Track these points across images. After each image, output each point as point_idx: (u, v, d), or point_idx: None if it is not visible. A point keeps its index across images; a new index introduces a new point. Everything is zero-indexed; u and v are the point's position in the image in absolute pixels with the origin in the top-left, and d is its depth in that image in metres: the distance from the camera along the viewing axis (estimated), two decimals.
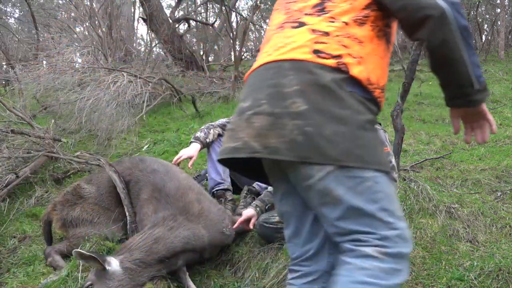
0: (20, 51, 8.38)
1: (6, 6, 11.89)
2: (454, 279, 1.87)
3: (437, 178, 3.23)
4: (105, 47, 7.21)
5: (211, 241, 2.16)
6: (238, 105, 1.16)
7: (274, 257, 2.13)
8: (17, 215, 2.86)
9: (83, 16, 8.21)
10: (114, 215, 2.42)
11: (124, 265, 1.82)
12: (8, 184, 2.95)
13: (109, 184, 2.47)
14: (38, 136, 3.54)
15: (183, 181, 2.33)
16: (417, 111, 5.78)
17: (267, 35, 1.27)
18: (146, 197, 2.28)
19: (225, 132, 1.20)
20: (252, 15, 8.09)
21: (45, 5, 10.59)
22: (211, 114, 5.66)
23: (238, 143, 1.07)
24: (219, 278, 2.18)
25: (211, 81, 7.81)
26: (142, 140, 4.72)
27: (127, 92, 4.98)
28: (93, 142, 4.49)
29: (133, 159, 2.61)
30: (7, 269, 2.23)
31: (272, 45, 1.17)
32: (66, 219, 2.36)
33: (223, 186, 2.75)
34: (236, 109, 1.17)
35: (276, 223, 2.19)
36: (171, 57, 8.78)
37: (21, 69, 5.60)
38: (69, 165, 3.66)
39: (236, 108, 1.16)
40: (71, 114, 4.74)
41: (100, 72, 5.39)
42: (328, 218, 1.07)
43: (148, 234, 1.95)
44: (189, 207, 2.15)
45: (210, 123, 3.04)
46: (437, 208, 2.67)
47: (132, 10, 12.08)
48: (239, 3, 11.61)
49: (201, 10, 13.41)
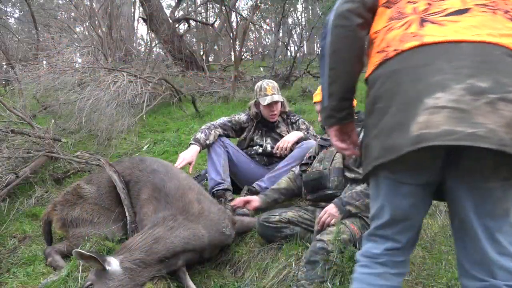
0: (20, 51, 8.38)
1: (6, 6, 11.89)
2: (454, 279, 1.87)
3: None
4: (105, 47, 7.21)
5: (211, 241, 2.16)
6: (458, 77, 0.96)
7: (274, 257, 2.13)
8: (17, 215, 2.86)
9: (83, 16, 8.21)
10: (114, 215, 2.42)
11: (124, 265, 1.82)
12: (8, 184, 2.95)
13: (109, 184, 2.47)
14: (38, 136, 3.54)
15: (183, 181, 2.33)
16: None
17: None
18: (146, 197, 2.28)
19: (437, 109, 0.94)
20: (252, 15, 8.09)
21: (45, 5, 10.58)
22: (211, 114, 5.66)
23: (478, 129, 0.91)
24: (219, 278, 2.18)
25: (211, 81, 7.81)
26: (142, 140, 4.72)
27: (127, 92, 4.99)
28: (93, 142, 4.49)
29: (133, 159, 2.61)
30: (7, 269, 2.23)
31: (482, 25, 1.03)
32: (66, 219, 2.36)
33: (223, 186, 2.75)
34: (449, 81, 0.96)
35: (276, 222, 2.19)
36: (171, 57, 8.78)
37: (21, 69, 5.60)
38: (69, 165, 3.66)
39: (450, 80, 0.96)
40: (71, 114, 4.74)
41: (100, 72, 5.39)
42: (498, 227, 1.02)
43: (148, 234, 1.95)
44: (189, 207, 2.15)
45: (211, 123, 3.04)
46: (437, 208, 2.67)
47: (132, 10, 12.07)
48: (239, 3, 11.60)
49: (201, 10, 13.40)
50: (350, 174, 2.18)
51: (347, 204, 2.00)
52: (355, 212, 2.01)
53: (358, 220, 2.02)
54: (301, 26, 11.59)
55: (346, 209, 1.99)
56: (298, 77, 7.39)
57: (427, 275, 1.98)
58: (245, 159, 2.97)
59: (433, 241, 2.33)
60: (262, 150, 3.02)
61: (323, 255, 1.80)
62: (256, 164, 3.02)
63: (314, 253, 1.82)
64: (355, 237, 1.94)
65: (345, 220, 1.98)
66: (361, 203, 2.00)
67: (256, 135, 3.09)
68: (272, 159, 3.02)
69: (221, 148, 2.88)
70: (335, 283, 1.74)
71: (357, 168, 2.17)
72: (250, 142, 3.10)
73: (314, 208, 2.28)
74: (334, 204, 2.02)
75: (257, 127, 3.11)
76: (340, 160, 2.22)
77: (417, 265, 2.08)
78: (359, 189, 2.04)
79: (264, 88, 2.97)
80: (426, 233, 2.44)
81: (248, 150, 3.09)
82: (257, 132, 3.10)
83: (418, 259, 2.13)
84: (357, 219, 2.02)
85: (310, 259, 1.82)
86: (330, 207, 2.02)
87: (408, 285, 1.91)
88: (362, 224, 2.02)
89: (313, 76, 7.70)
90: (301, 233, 2.18)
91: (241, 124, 3.12)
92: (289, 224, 2.20)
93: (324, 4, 7.54)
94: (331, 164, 2.22)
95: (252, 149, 3.07)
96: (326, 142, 2.38)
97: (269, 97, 2.92)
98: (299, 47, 7.94)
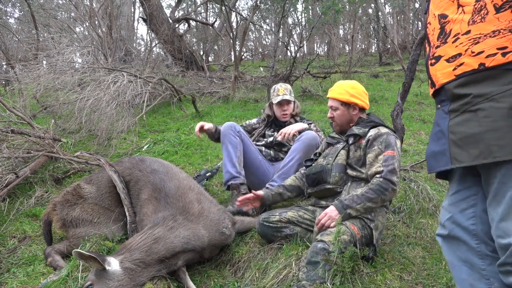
0: (20, 51, 8.37)
1: (6, 6, 11.89)
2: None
3: (437, 178, 3.22)
4: (105, 47, 7.21)
5: (211, 241, 2.16)
6: None
7: (274, 257, 2.13)
8: (17, 215, 2.86)
9: (83, 16, 8.20)
10: (114, 215, 2.42)
11: (124, 265, 1.82)
12: (8, 184, 2.95)
13: (109, 184, 2.47)
14: (38, 136, 3.54)
15: (183, 181, 2.33)
16: (417, 111, 5.78)
17: None
18: (146, 197, 2.28)
19: None
20: (252, 15, 8.09)
21: (45, 5, 10.57)
22: (211, 114, 5.66)
23: None
24: (219, 278, 2.18)
25: (211, 81, 7.81)
26: (142, 140, 4.72)
27: (127, 92, 4.99)
28: (93, 142, 4.49)
29: (133, 159, 2.61)
30: (7, 269, 2.23)
31: None
32: (66, 219, 2.35)
33: (239, 181, 2.77)
34: None
35: (276, 222, 2.19)
36: (171, 57, 8.79)
37: (21, 69, 5.60)
38: (69, 165, 3.66)
39: None
40: (71, 114, 4.74)
41: (100, 72, 5.38)
42: None
43: (148, 234, 1.95)
44: (189, 207, 2.15)
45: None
46: (437, 208, 2.67)
47: (132, 10, 12.08)
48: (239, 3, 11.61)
49: (201, 10, 13.43)
50: (352, 172, 2.20)
51: (348, 207, 1.99)
52: (355, 215, 2.01)
53: (358, 221, 2.02)
54: (301, 26, 11.60)
55: (347, 213, 1.99)
56: (298, 77, 7.40)
57: (427, 275, 1.98)
58: (254, 150, 3.03)
59: (433, 241, 2.33)
60: (273, 139, 3.06)
61: (324, 255, 1.79)
62: (263, 157, 3.06)
63: (315, 253, 1.82)
64: (356, 237, 1.94)
65: (345, 221, 1.98)
66: (361, 207, 2.00)
67: (268, 130, 3.17)
68: (278, 154, 3.08)
69: (237, 138, 2.90)
70: (335, 283, 1.74)
71: (360, 167, 2.17)
72: (260, 137, 3.18)
73: (314, 208, 2.28)
74: (334, 207, 2.02)
75: (268, 125, 3.20)
76: (344, 157, 2.24)
77: (417, 265, 2.08)
78: (360, 192, 2.03)
79: (277, 89, 3.14)
80: (426, 233, 2.44)
81: (259, 141, 3.16)
82: (268, 128, 3.19)
83: (418, 259, 2.13)
84: (357, 220, 2.02)
85: (311, 260, 1.81)
86: (330, 210, 2.02)
87: (408, 285, 1.91)
88: (362, 225, 2.02)
89: (313, 76, 7.70)
90: (301, 233, 2.18)
91: (252, 126, 3.28)
92: (289, 224, 2.20)
93: (324, 4, 7.55)
94: (334, 160, 2.24)
95: (262, 139, 3.14)
96: (334, 140, 2.42)
97: (280, 96, 3.07)
98: (299, 47, 7.93)
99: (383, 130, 2.18)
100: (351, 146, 2.25)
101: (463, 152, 1.18)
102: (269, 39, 15.46)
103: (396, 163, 2.05)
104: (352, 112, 2.34)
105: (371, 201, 1.99)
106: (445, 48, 1.26)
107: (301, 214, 2.22)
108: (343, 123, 2.37)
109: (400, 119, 3.08)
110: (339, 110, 2.35)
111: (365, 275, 1.90)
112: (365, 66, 10.16)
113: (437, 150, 1.28)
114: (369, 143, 2.15)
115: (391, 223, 2.57)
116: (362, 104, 2.35)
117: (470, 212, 1.29)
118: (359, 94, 2.35)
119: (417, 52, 3.06)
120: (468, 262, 1.28)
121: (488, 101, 1.14)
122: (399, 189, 2.92)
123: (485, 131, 1.13)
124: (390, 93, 6.91)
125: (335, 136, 2.44)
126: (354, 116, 2.35)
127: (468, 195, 1.30)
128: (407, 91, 3.17)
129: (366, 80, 8.30)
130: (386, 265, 2.03)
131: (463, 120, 1.19)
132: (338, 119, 2.37)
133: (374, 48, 13.74)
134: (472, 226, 1.28)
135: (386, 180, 2.00)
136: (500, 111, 1.11)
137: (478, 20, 1.18)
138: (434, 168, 1.30)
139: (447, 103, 1.26)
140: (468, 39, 1.20)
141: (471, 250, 1.27)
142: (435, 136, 1.30)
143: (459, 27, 1.23)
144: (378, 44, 12.15)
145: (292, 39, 10.52)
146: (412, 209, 2.70)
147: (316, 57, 10.27)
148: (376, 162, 2.08)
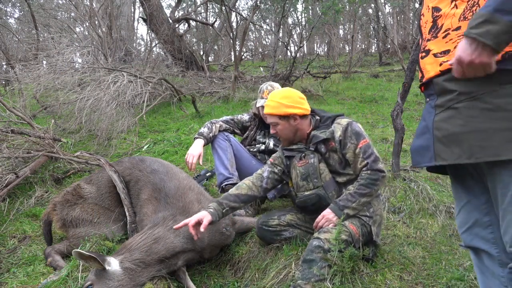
0: (20, 51, 8.38)
1: (6, 6, 11.90)
2: (454, 279, 1.87)
3: (437, 178, 3.23)
4: (105, 47, 7.21)
5: (211, 241, 2.16)
6: None
7: (274, 257, 2.13)
8: (17, 215, 2.86)
9: (83, 16, 8.20)
10: (114, 215, 2.42)
11: (124, 265, 1.82)
12: (8, 184, 2.95)
13: (109, 184, 2.47)
14: (38, 136, 3.54)
15: (183, 181, 2.33)
16: (417, 111, 5.79)
17: None
18: (146, 197, 2.28)
19: None
20: (252, 15, 8.09)
21: (45, 5, 10.58)
22: (211, 114, 5.66)
23: None
24: (219, 278, 2.18)
25: (211, 81, 7.82)
26: (142, 140, 4.72)
27: (127, 92, 4.99)
28: (93, 142, 4.49)
29: (133, 159, 2.61)
30: (7, 269, 2.23)
31: None
32: (66, 219, 2.36)
33: (232, 181, 2.76)
34: None
35: (275, 226, 2.19)
36: (171, 57, 8.79)
37: (21, 69, 5.60)
38: (69, 165, 3.66)
39: None
40: (71, 114, 4.74)
41: (100, 72, 5.39)
42: None
43: (148, 234, 1.96)
44: (189, 207, 2.15)
45: (214, 120, 3.07)
46: (437, 208, 2.67)
47: (132, 10, 12.08)
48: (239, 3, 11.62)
49: (201, 10, 13.43)
50: (340, 178, 2.12)
51: (344, 208, 1.98)
52: (353, 214, 2.01)
53: (357, 220, 2.02)
54: (301, 26, 11.60)
55: (344, 213, 1.98)
56: (298, 77, 7.40)
57: (427, 275, 1.98)
58: (247, 155, 2.99)
59: (433, 241, 2.33)
60: (264, 147, 3.03)
61: (319, 253, 1.79)
62: (258, 161, 3.03)
63: (310, 251, 1.82)
64: (354, 237, 1.94)
65: (344, 221, 1.98)
66: (357, 204, 1.99)
67: (258, 135, 3.11)
68: None
69: (226, 142, 2.90)
70: (335, 283, 1.74)
71: (344, 169, 2.11)
72: (253, 141, 3.12)
73: None
74: (330, 209, 2.00)
75: (259, 127, 3.13)
76: (327, 170, 2.11)
77: (417, 265, 2.08)
78: (352, 190, 2.02)
79: (262, 91, 2.99)
80: (426, 233, 2.44)
81: (251, 147, 3.11)
82: (259, 132, 3.13)
83: (418, 259, 2.13)
84: (356, 219, 2.02)
85: (306, 258, 1.82)
86: (327, 212, 2.00)
87: (408, 285, 1.91)
88: (361, 224, 2.02)
89: (313, 76, 7.70)
90: (300, 235, 2.18)
91: (243, 123, 3.16)
92: (288, 227, 2.19)
93: (324, 4, 7.55)
94: (321, 180, 2.09)
95: (254, 146, 3.09)
96: (293, 151, 2.21)
97: (264, 100, 2.93)
98: (299, 47, 7.94)
99: (343, 122, 2.11)
100: (325, 154, 2.13)
101: (446, 150, 1.17)
102: (269, 39, 15.47)
103: (374, 149, 2.05)
104: (294, 123, 2.13)
105: (365, 196, 1.99)
106: (435, 42, 1.25)
107: (300, 217, 2.22)
108: (289, 136, 2.19)
109: (400, 119, 3.09)
110: (280, 125, 2.15)
111: (365, 275, 1.90)
112: (365, 66, 10.17)
113: (421, 144, 1.27)
114: (342, 145, 2.07)
115: (391, 223, 2.57)
116: (301, 111, 2.14)
117: (487, 220, 1.27)
118: (295, 102, 2.13)
119: (417, 52, 3.06)
120: (491, 271, 1.27)
121: (472, 100, 1.13)
122: (398, 189, 2.92)
123: (469, 131, 1.12)
124: (390, 93, 6.92)
125: (292, 148, 2.22)
126: (297, 125, 2.16)
127: (479, 204, 1.29)
128: (407, 91, 3.17)
129: (366, 80, 8.30)
130: (386, 265, 2.03)
131: (447, 116, 1.18)
132: (283, 134, 2.17)
133: (374, 48, 13.76)
134: (491, 235, 1.26)
135: (374, 171, 1.99)
136: (485, 112, 1.10)
137: (469, 16, 1.16)
138: (419, 163, 1.29)
139: (434, 98, 1.26)
140: (458, 35, 1.18)
141: (492, 259, 1.26)
142: (420, 130, 1.30)
143: (450, 22, 1.22)
144: (378, 44, 12.17)
145: (292, 39, 10.53)
146: (412, 209, 2.70)
147: (316, 57, 10.27)
148: (357, 158, 2.04)
